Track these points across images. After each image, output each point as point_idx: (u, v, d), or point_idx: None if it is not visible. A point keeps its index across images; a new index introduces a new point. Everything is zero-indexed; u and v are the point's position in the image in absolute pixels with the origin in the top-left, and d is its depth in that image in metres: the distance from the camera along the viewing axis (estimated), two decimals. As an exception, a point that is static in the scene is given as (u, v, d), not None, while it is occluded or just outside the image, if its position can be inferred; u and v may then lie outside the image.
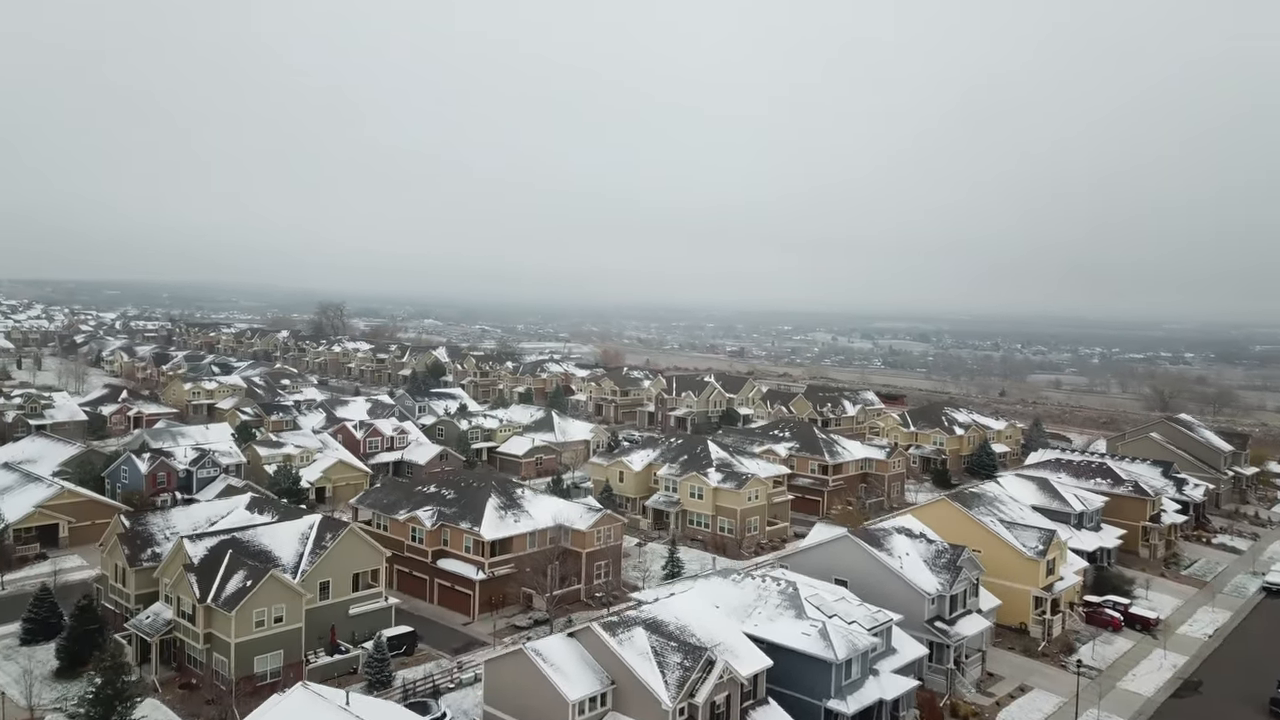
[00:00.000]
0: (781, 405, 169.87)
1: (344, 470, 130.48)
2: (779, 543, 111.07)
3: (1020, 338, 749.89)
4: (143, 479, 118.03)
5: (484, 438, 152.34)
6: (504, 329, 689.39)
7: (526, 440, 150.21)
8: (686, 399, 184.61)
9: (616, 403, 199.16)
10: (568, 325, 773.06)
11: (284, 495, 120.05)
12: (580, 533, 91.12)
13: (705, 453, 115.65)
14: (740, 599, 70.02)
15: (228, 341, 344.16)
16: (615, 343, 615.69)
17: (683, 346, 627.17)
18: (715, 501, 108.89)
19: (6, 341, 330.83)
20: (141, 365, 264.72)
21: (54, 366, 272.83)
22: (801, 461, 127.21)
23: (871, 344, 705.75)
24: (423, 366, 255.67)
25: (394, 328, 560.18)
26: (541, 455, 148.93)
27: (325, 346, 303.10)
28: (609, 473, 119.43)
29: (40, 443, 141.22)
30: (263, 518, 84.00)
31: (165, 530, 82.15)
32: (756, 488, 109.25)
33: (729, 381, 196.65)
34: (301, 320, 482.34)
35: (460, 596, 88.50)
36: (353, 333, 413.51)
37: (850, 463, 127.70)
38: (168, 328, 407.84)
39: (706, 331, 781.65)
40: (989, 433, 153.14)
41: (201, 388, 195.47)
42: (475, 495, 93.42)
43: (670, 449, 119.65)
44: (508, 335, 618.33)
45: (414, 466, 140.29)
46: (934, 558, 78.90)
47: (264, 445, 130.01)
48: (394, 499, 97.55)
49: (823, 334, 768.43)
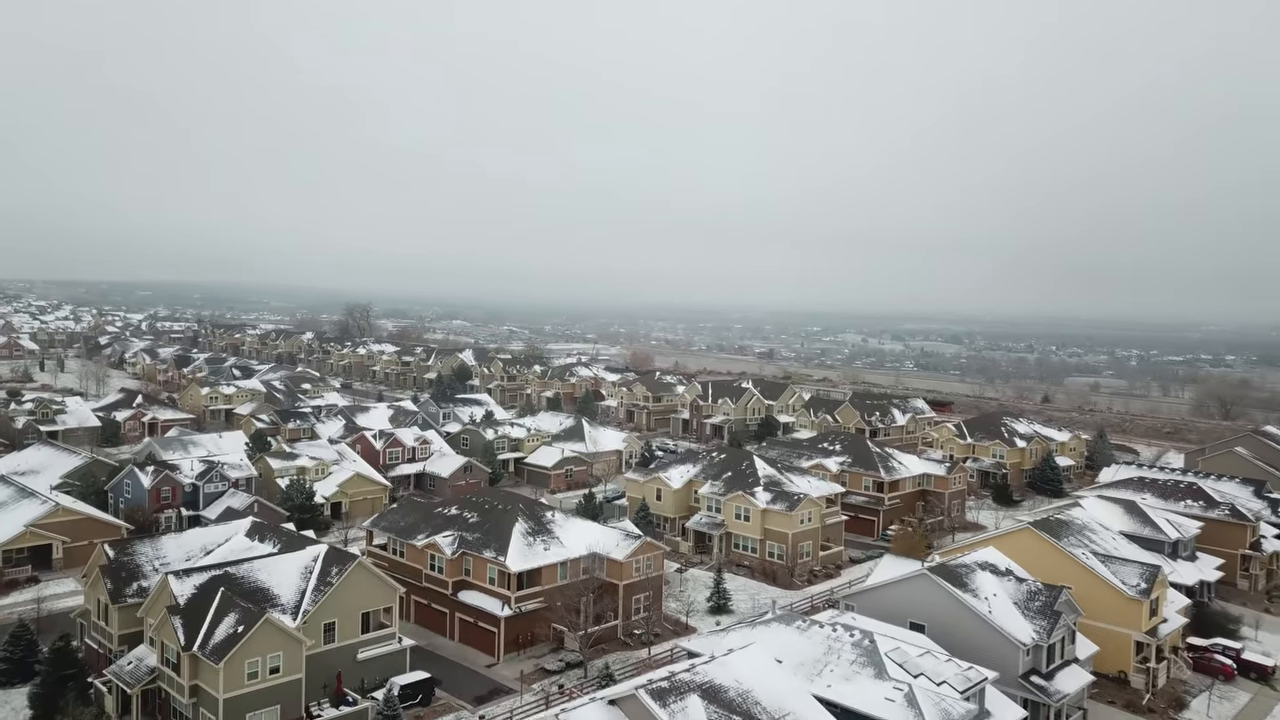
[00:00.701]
0: (826, 414, 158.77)
1: (361, 484, 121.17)
2: (833, 569, 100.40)
3: (1054, 339, 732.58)
4: (145, 494, 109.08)
5: (511, 448, 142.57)
6: (531, 329, 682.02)
7: (556, 451, 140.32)
8: (723, 406, 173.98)
9: (649, 409, 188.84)
10: (595, 326, 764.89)
11: (297, 511, 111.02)
12: (617, 563, 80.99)
13: (751, 469, 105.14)
14: (808, 652, 59.60)
15: (252, 343, 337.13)
16: (643, 344, 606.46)
17: (710, 348, 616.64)
18: (764, 524, 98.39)
19: (31, 343, 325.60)
20: (163, 367, 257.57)
21: (76, 368, 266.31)
22: (854, 478, 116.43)
23: (903, 345, 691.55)
24: (448, 370, 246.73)
25: (421, 329, 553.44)
26: (571, 467, 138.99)
27: (350, 349, 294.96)
28: (645, 490, 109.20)
29: (45, 452, 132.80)
30: (263, 546, 74.44)
31: (154, 561, 72.82)
32: (809, 509, 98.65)
33: (768, 387, 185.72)
34: (330, 321, 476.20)
35: (484, 634, 78.61)
36: (379, 334, 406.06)
37: (907, 479, 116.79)
38: (194, 329, 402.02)
39: (734, 332, 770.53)
40: (1051, 445, 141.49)
41: (219, 392, 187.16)
42: (500, 519, 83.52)
43: (712, 464, 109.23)
44: (535, 336, 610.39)
45: (436, 479, 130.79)
46: (1026, 599, 68.06)
47: (277, 457, 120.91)
48: (411, 521, 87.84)
49: (852, 335, 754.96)
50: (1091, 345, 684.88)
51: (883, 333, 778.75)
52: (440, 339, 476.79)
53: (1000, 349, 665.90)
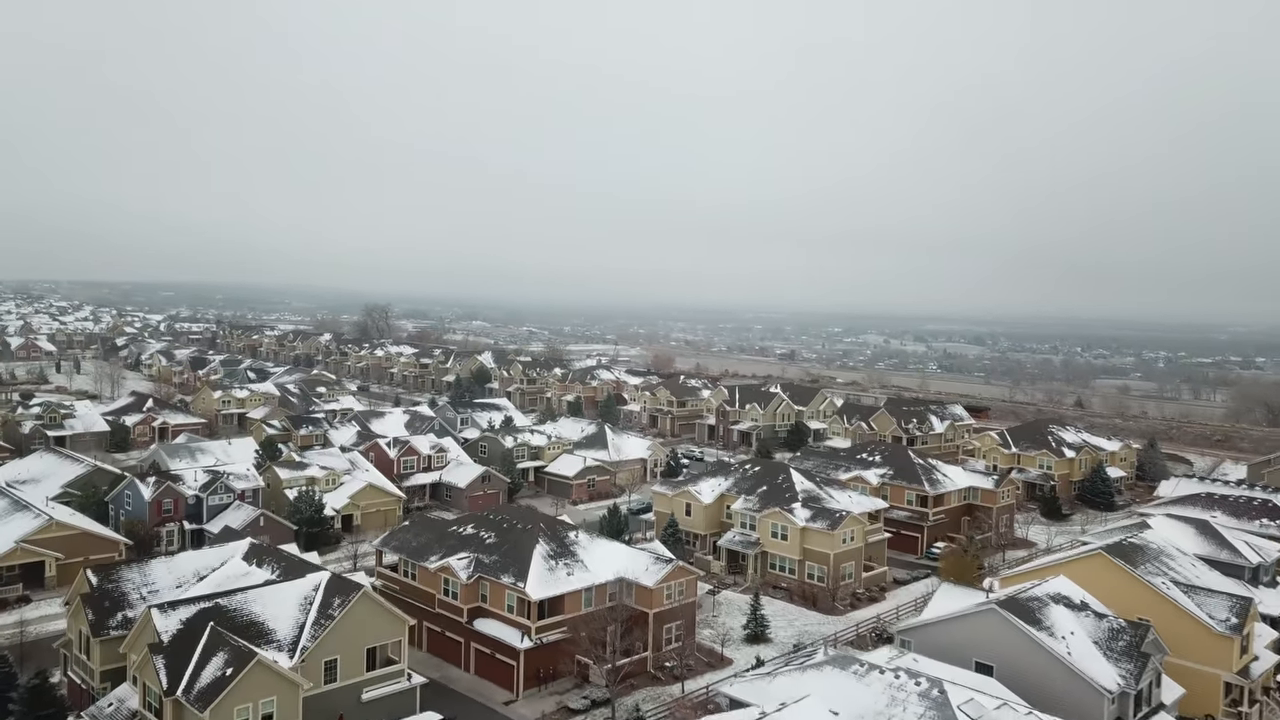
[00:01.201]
0: (861, 421, 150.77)
1: (374, 495, 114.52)
2: (877, 591, 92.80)
3: (1078, 340, 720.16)
4: (146, 507, 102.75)
5: (530, 456, 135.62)
6: (551, 330, 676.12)
7: (577, 460, 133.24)
8: (751, 411, 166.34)
9: (673, 414, 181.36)
10: (614, 327, 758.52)
11: (305, 525, 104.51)
12: (647, 589, 73.75)
13: (788, 483, 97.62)
14: (868, 703, 52.12)
15: (270, 344, 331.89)
16: (662, 345, 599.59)
17: (731, 349, 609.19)
18: (803, 544, 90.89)
19: (49, 344, 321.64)
20: (179, 369, 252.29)
21: (92, 370, 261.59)
22: (896, 491, 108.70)
23: (925, 347, 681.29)
24: (467, 372, 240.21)
25: (441, 329, 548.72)
26: (594, 477, 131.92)
27: (368, 350, 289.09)
28: (674, 504, 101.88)
29: (48, 459, 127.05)
30: (261, 572, 67.71)
31: (142, 588, 66.18)
32: (852, 528, 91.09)
33: (797, 392, 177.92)
34: (350, 322, 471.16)
35: (502, 667, 71.57)
36: (398, 335, 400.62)
37: (952, 493, 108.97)
38: (212, 330, 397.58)
39: (754, 333, 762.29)
40: (1101, 455, 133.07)
41: (232, 396, 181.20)
42: (520, 540, 76.47)
43: (745, 478, 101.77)
44: (555, 337, 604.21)
45: (453, 489, 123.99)
46: (1108, 639, 60.36)
47: (285, 467, 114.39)
48: (424, 541, 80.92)
49: (874, 336, 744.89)
50: (1118, 347, 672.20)
51: (904, 333, 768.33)
52: (460, 340, 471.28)
53: (1024, 350, 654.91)
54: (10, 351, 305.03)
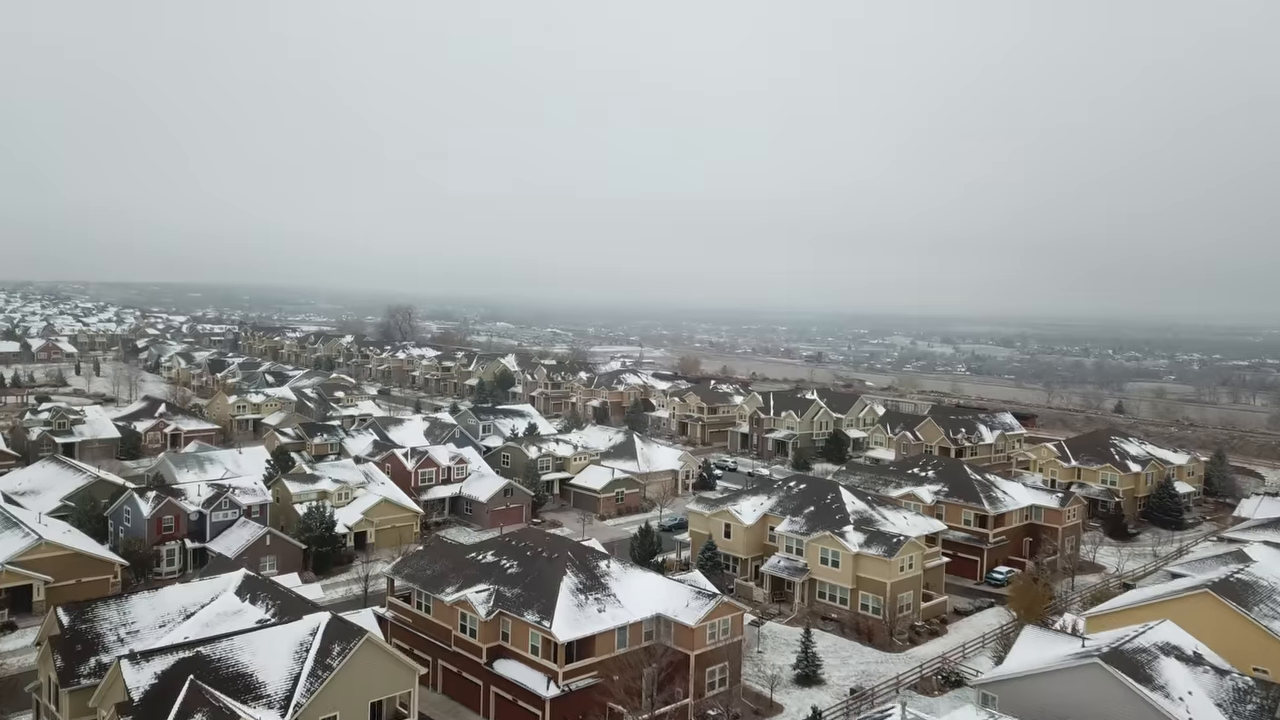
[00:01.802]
0: (905, 430, 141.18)
1: (389, 510, 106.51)
2: (938, 624, 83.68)
3: (1109, 342, 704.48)
4: (145, 524, 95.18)
5: (555, 467, 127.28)
6: (575, 332, 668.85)
7: (605, 471, 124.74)
8: (787, 419, 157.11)
9: (704, 421, 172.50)
10: (638, 328, 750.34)
11: (315, 543, 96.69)
12: (688, 629, 65.14)
13: (838, 503, 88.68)
14: (961, 786, 43.40)
15: (291, 347, 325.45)
16: (686, 346, 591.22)
17: (756, 351, 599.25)
18: (856, 571, 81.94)
19: (70, 346, 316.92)
20: (197, 372, 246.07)
21: (111, 372, 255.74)
22: (952, 510, 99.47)
23: (952, 349, 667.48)
24: (490, 376, 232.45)
25: (465, 331, 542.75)
26: (623, 490, 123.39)
27: (389, 353, 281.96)
28: (712, 524, 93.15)
29: (50, 470, 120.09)
30: (254, 610, 59.60)
31: (120, 628, 58.25)
32: (911, 554, 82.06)
33: (835, 399, 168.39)
34: (374, 324, 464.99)
35: (525, 716, 63.15)
36: (421, 337, 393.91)
37: (1013, 512, 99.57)
38: (234, 332, 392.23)
39: (779, 335, 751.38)
40: (1168, 468, 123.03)
41: (247, 401, 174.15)
42: (545, 571, 68.06)
43: (790, 496, 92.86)
44: (578, 338, 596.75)
45: (473, 504, 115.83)
46: (1234, 700, 51.24)
47: (296, 480, 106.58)
48: (440, 570, 72.67)
49: (900, 337, 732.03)
50: (1150, 349, 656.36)
51: (931, 335, 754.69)
52: (483, 341, 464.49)
53: (1054, 352, 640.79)
54: (31, 353, 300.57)
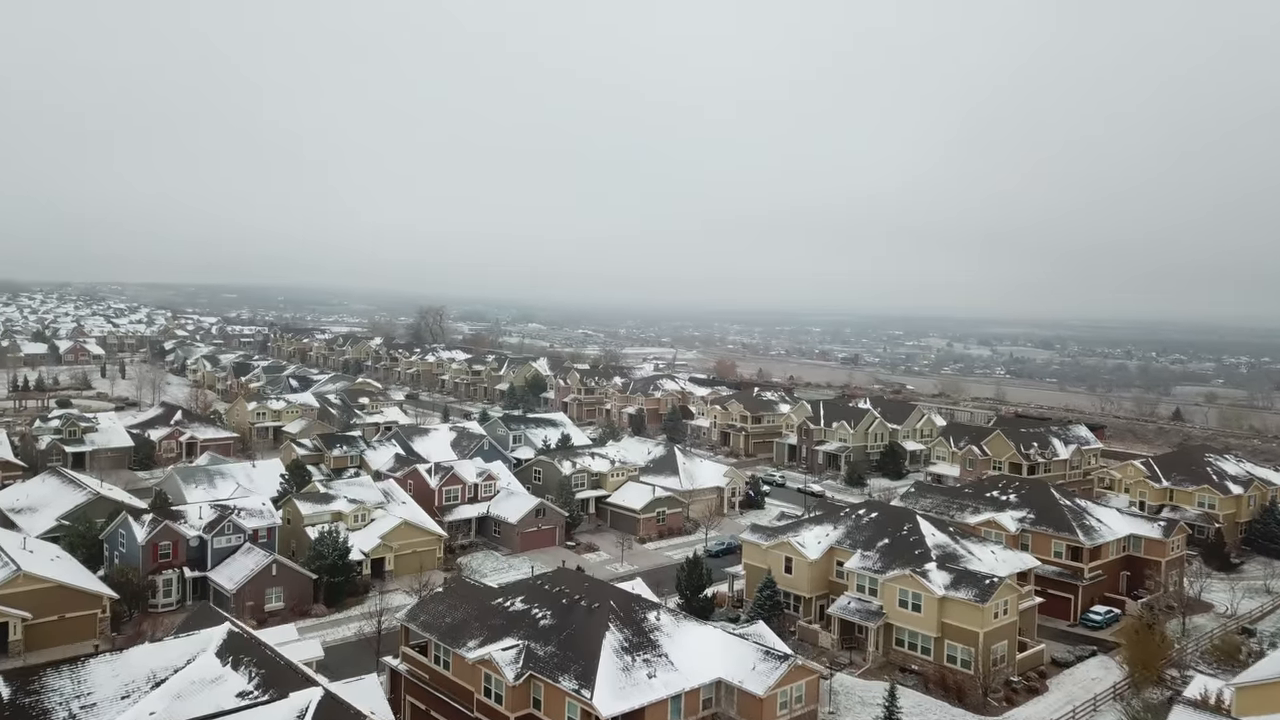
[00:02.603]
0: (972, 444, 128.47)
1: (410, 534, 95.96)
2: (1036, 678, 71.55)
3: (1152, 344, 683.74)
4: (140, 551, 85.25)
5: (591, 483, 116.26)
6: (606, 333, 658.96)
7: (644, 489, 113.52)
8: (840, 430, 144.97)
9: (747, 431, 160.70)
10: (670, 329, 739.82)
11: (326, 573, 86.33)
12: (755, 698, 53.88)
13: (916, 535, 76.89)
14: None
15: (319, 349, 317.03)
16: (719, 348, 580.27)
17: (790, 353, 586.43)
18: (941, 617, 70.13)
19: (98, 348, 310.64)
20: (222, 375, 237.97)
21: (136, 375, 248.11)
22: (1039, 540, 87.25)
23: (990, 351, 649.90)
24: (521, 380, 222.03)
25: (497, 332, 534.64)
26: (664, 509, 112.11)
27: (418, 356, 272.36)
28: (770, 558, 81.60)
29: (51, 484, 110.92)
30: (236, 677, 48.97)
31: (72, 701, 47.71)
32: (1006, 598, 70.13)
33: (890, 409, 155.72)
34: (405, 325, 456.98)
35: (560, 806, 52.16)
36: (452, 338, 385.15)
37: (1110, 543, 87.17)
38: (263, 333, 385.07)
39: (813, 336, 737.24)
40: (1272, 490, 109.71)
41: (267, 408, 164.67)
42: (584, 625, 57.00)
43: (860, 526, 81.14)
44: (610, 339, 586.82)
45: (502, 525, 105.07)
46: None
47: (308, 500, 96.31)
48: (461, 617, 61.83)
49: (936, 339, 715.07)
50: (1195, 351, 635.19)
51: (967, 337, 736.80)
52: (515, 343, 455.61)
53: (1095, 355, 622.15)
54: (59, 355, 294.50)
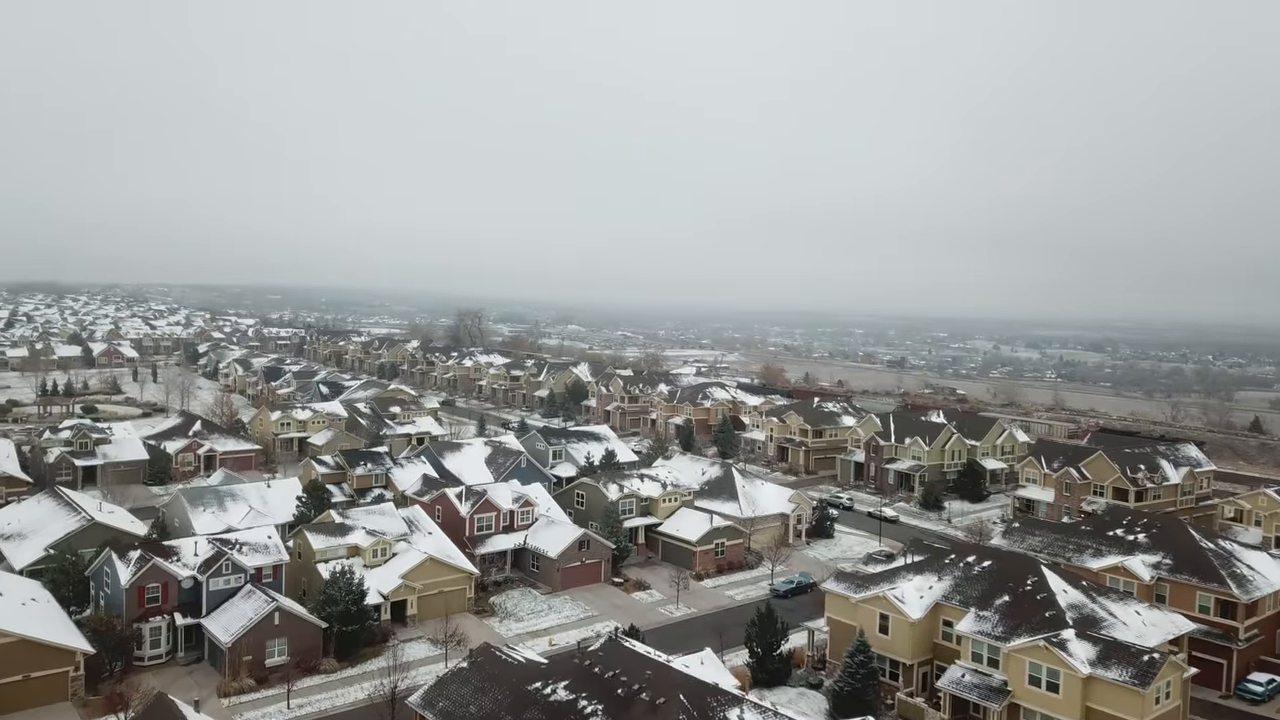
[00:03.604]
0: (1069, 466, 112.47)
1: (436, 571, 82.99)
2: (1203, 779, 56.76)
3: (1206, 347, 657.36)
4: (124, 594, 72.98)
5: (640, 509, 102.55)
6: (646, 335, 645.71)
7: (700, 517, 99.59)
8: (913, 447, 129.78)
9: (808, 446, 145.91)
10: (709, 331, 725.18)
11: (338, 620, 73.59)
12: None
13: (1043, 592, 62.30)
14: None
15: (355, 352, 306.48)
16: (760, 350, 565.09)
17: (833, 355, 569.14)
18: (1085, 700, 55.57)
19: (132, 350, 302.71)
20: (253, 380, 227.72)
21: (167, 379, 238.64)
22: (1180, 592, 72.11)
23: (1039, 353, 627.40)
24: (561, 387, 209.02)
25: (536, 334, 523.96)
26: (723, 541, 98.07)
27: (455, 360, 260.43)
28: (861, 615, 67.34)
29: (46, 506, 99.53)
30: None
31: None
32: (1170, 677, 55.42)
33: (967, 423, 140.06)
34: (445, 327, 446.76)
35: None
36: (490, 341, 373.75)
37: (1269, 596, 71.84)
38: (300, 335, 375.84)
39: (856, 338, 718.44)
40: None
41: (292, 418, 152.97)
42: None
43: (970, 578, 66.63)
44: (649, 341, 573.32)
45: (540, 559, 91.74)
46: None
47: (321, 532, 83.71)
48: (488, 708, 48.66)
49: (982, 341, 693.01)
50: (1253, 354, 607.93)
51: (1014, 339, 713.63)
52: (554, 345, 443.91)
53: (1149, 358, 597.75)
54: (92, 358, 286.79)
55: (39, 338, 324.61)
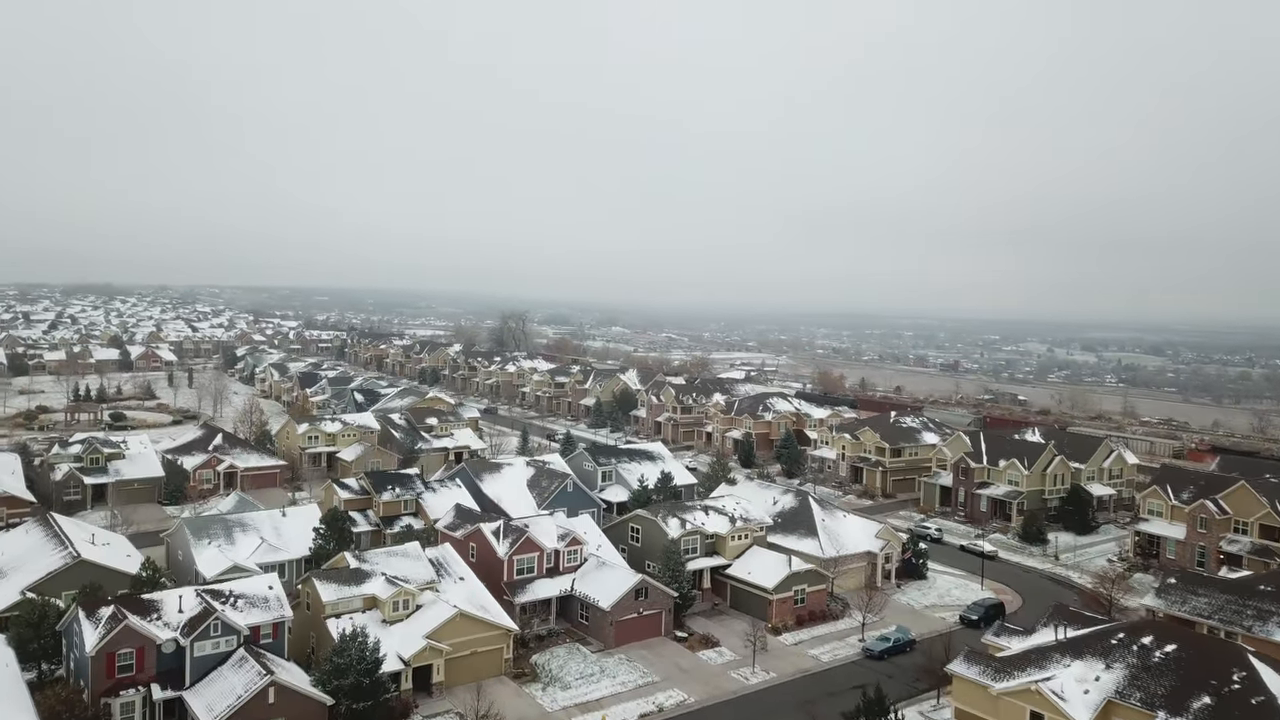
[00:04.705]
0: (1201, 497, 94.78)
1: (468, 628, 68.75)
2: None
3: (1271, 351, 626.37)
4: (89, 662, 59.66)
5: (705, 548, 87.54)
6: (690, 337, 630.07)
7: (776, 561, 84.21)
8: (1009, 470, 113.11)
9: (885, 466, 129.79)
10: (754, 333, 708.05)
11: (350, 696, 59.72)
12: None
13: (1258, 693, 46.48)
14: None
15: (396, 355, 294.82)
16: (808, 353, 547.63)
17: (883, 358, 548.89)
18: None
19: (170, 354, 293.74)
20: (288, 386, 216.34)
21: (201, 383, 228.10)
22: None
23: (1095, 357, 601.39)
24: (609, 395, 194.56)
25: (580, 336, 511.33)
26: (804, 587, 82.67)
27: (498, 365, 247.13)
28: (1003, 710, 51.85)
29: (35, 537, 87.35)
30: None
31: None
32: None
33: (1067, 442, 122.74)
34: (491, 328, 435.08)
35: None
36: (535, 344, 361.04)
37: None
38: (341, 338, 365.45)
39: (905, 340, 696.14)
40: None
41: (320, 431, 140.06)
42: None
43: (1148, 666, 50.70)
44: (694, 343, 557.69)
45: (591, 610, 77.17)
46: None
47: (332, 581, 69.89)
48: None
49: (1035, 344, 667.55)
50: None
51: (1070, 342, 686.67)
52: (599, 347, 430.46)
53: (1213, 361, 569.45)
54: (130, 361, 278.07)
55: (78, 340, 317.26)
